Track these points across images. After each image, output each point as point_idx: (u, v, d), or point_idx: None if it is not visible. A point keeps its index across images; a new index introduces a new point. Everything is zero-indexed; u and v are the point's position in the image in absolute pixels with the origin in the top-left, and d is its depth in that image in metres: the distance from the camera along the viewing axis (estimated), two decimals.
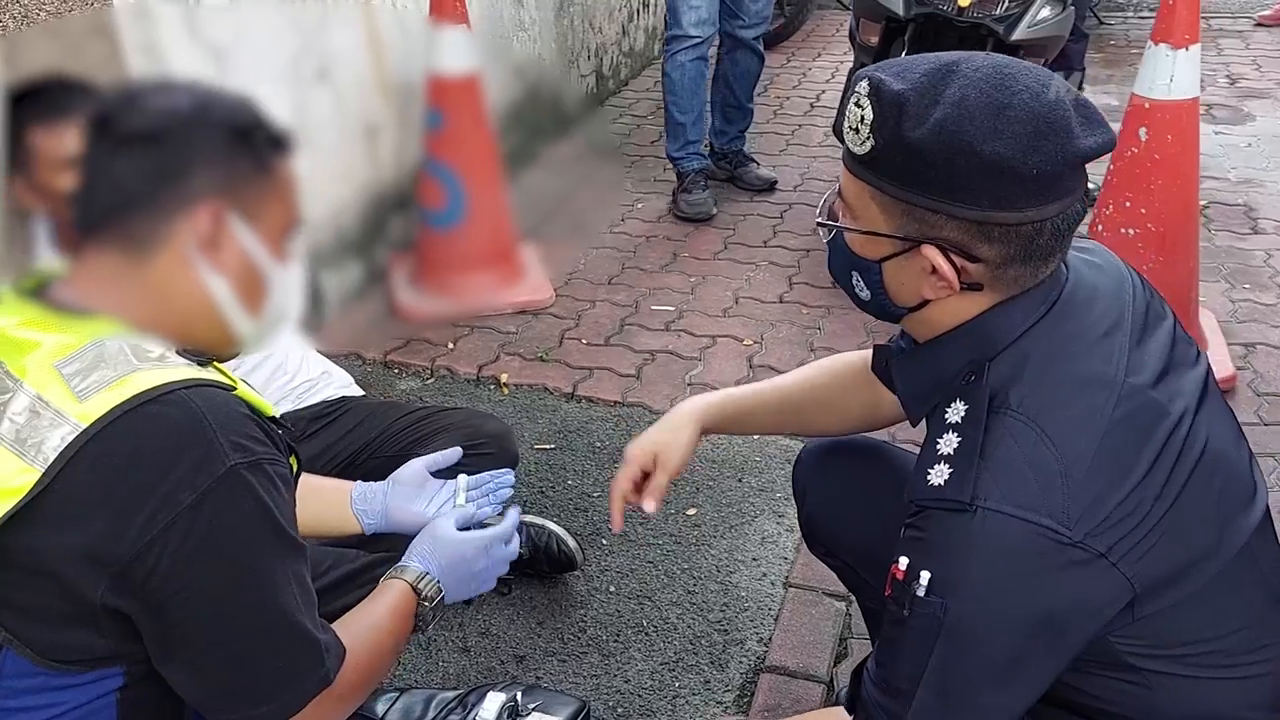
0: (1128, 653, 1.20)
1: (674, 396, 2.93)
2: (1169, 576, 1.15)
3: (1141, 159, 2.72)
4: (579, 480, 2.63)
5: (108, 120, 1.13)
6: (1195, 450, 1.17)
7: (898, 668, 1.20)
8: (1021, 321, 1.20)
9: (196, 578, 1.09)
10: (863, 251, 1.24)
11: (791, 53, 6.33)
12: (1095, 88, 5.22)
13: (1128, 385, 1.16)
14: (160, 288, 1.16)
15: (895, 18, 3.24)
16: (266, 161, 1.19)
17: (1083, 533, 1.10)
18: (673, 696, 2.01)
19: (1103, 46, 6.06)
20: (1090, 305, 1.22)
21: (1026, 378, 1.17)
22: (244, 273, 1.19)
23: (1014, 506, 1.10)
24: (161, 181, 1.13)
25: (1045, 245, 1.15)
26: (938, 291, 1.20)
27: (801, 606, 2.20)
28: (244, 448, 1.11)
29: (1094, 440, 1.12)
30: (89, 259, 1.16)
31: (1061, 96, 1.12)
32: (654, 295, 3.54)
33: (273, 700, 1.17)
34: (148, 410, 1.08)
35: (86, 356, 1.10)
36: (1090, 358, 1.18)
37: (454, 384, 3.08)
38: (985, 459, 1.13)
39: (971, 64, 1.14)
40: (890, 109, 1.13)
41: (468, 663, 2.10)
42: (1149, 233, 2.74)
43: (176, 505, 1.06)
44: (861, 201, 1.21)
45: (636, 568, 2.33)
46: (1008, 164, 1.09)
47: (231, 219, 1.16)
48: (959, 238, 1.15)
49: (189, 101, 1.15)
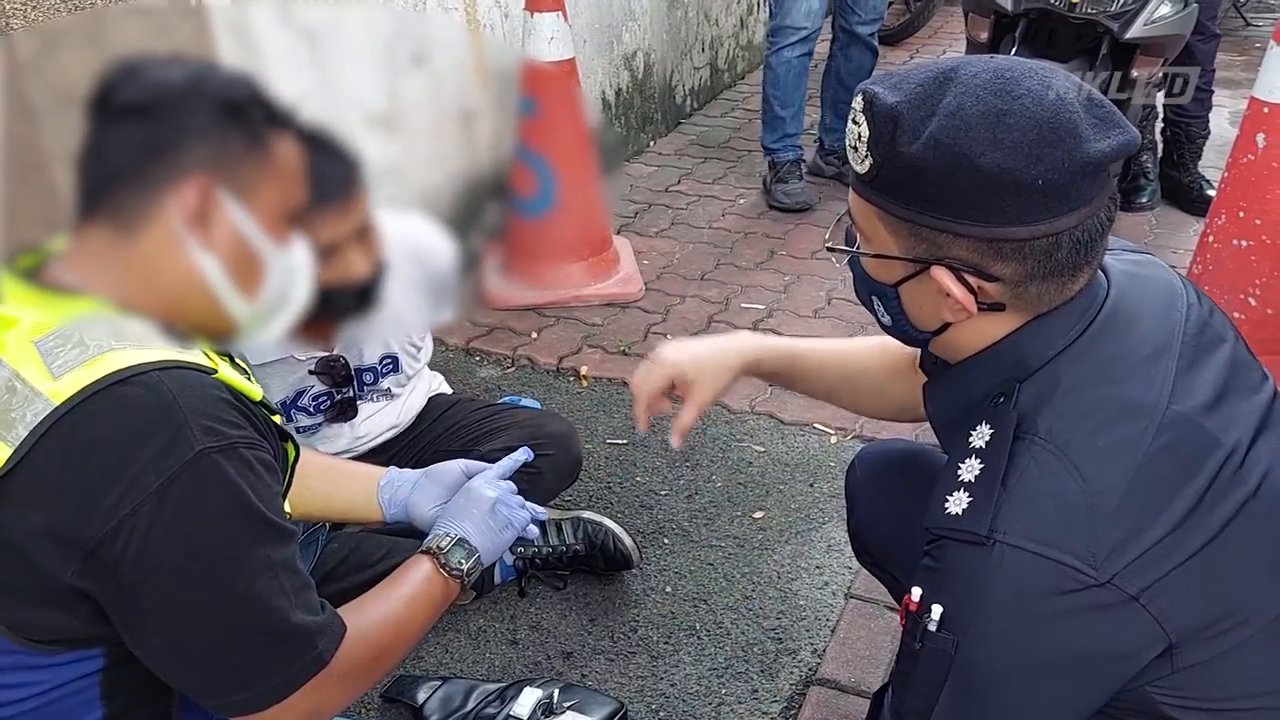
0: (1165, 704, 1.10)
1: (754, 398, 2.87)
2: (1211, 625, 1.06)
3: (1258, 166, 2.55)
4: (647, 477, 2.59)
5: (106, 94, 1.12)
6: (1249, 485, 1.07)
7: (908, 700, 1.13)
8: (1055, 341, 1.11)
9: (165, 562, 1.07)
10: (877, 275, 1.18)
11: (916, 49, 6.18)
12: (1233, 91, 4.96)
13: (1171, 413, 1.06)
14: (149, 265, 1.14)
15: (1004, 13, 3.11)
16: (262, 138, 1.16)
17: (1110, 573, 1.00)
18: (718, 704, 1.96)
19: (1246, 49, 5.75)
20: (1134, 324, 1.13)
21: (1057, 403, 1.08)
22: (236, 252, 1.16)
23: (1034, 543, 1.02)
24: (149, 155, 1.11)
25: (1066, 260, 1.07)
26: (955, 314, 1.13)
27: (860, 619, 2.12)
28: (215, 431, 1.09)
29: (1127, 472, 1.03)
30: (83, 236, 1.15)
31: (1068, 97, 1.04)
32: (745, 293, 3.48)
33: (255, 685, 1.15)
34: (117, 391, 1.06)
35: (66, 334, 1.09)
36: (1130, 382, 1.08)
37: (534, 374, 3.07)
38: (1007, 489, 1.05)
39: (970, 70, 1.06)
40: (885, 124, 1.07)
41: (515, 656, 2.08)
42: (1264, 245, 2.57)
43: (143, 489, 1.05)
44: (870, 223, 1.15)
45: (695, 569, 2.29)
46: (1010, 175, 1.02)
47: (222, 195, 1.14)
48: (970, 257, 1.07)
49: (182, 75, 1.13)
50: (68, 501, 1.05)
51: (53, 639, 1.12)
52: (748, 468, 2.61)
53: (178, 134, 1.12)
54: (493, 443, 2.18)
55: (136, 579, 1.07)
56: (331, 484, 1.69)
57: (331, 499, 1.68)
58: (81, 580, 1.07)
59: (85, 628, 1.11)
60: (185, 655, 1.14)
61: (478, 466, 1.71)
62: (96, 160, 1.13)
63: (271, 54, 2.65)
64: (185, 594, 1.10)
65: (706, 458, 2.65)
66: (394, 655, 1.38)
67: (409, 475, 1.71)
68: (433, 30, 3.23)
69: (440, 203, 3.40)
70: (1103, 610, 1.02)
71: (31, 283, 1.15)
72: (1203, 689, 1.09)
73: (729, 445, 2.69)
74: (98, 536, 1.05)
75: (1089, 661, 1.05)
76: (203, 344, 1.20)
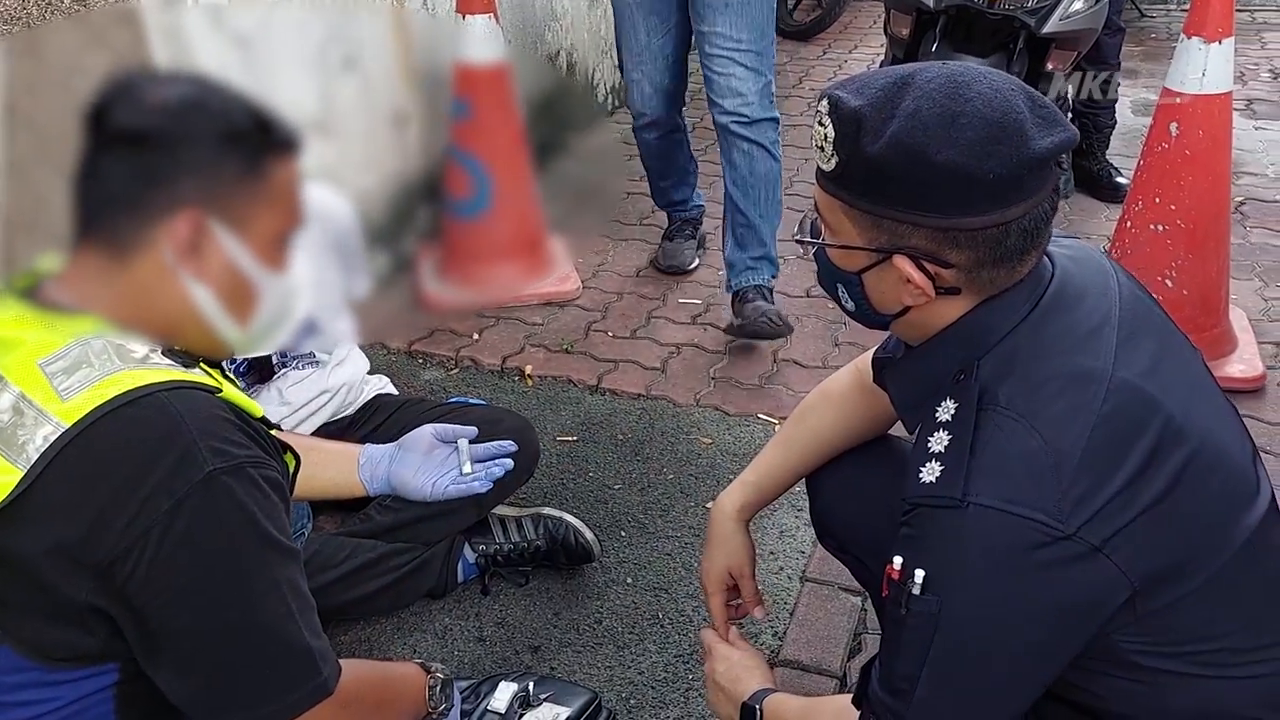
0: (1132, 651, 1.19)
1: (698, 391, 2.93)
2: (1167, 572, 1.14)
3: (1171, 154, 2.68)
4: (600, 472, 2.63)
5: (102, 112, 1.11)
6: (1191, 443, 1.16)
7: (897, 667, 1.20)
8: (1007, 319, 1.20)
9: (175, 583, 1.08)
10: (842, 265, 1.26)
11: (828, 44, 6.29)
12: (1134, 82, 5.15)
13: (1117, 378, 1.15)
14: (142, 292, 1.14)
15: (926, 10, 3.21)
16: (261, 166, 1.15)
17: (1075, 525, 1.09)
18: (686, 689, 2.01)
19: (1143, 40, 5.97)
20: (1078, 301, 1.22)
21: (1015, 374, 1.17)
22: (229, 282, 1.17)
23: (1005, 501, 1.10)
24: (145, 184, 1.11)
25: (1015, 246, 1.16)
26: (915, 299, 1.22)
27: (817, 601, 2.19)
28: (224, 452, 1.10)
29: (1083, 433, 1.12)
30: (79, 258, 1.15)
31: (1014, 100, 1.13)
32: (681, 288, 3.54)
33: (261, 706, 1.17)
34: (126, 413, 1.07)
35: (70, 355, 1.10)
36: (1078, 352, 1.18)
37: (478, 375, 3.09)
38: (975, 455, 1.13)
39: (925, 75, 1.16)
40: (849, 125, 1.15)
41: (483, 652, 2.11)
42: (1179, 229, 2.70)
43: (154, 511, 1.06)
44: (835, 216, 1.23)
45: (654, 559, 2.33)
46: (964, 171, 1.11)
47: (215, 227, 1.13)
48: (928, 246, 1.16)
49: (181, 99, 1.12)
50: (79, 523, 1.06)
51: (68, 656, 1.12)
52: (697, 459, 2.67)
53: (173, 166, 1.11)
54: None
55: (146, 599, 1.08)
56: (314, 464, 1.72)
57: (314, 479, 1.72)
58: (96, 598, 1.08)
59: (101, 645, 1.12)
60: (192, 674, 1.14)
61: (444, 428, 1.82)
62: (92, 183, 1.12)
63: (205, 60, 2.64)
64: (193, 614, 1.11)
65: (656, 451, 2.70)
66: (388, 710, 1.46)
67: (385, 449, 1.79)
68: (363, 33, 3.23)
69: (375, 206, 3.40)
70: (1072, 561, 1.10)
71: (30, 302, 1.15)
72: (1164, 633, 1.18)
73: (677, 438, 2.75)
74: (110, 556, 1.06)
75: (1063, 611, 1.13)
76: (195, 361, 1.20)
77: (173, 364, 1.14)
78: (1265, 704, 1.22)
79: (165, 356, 1.14)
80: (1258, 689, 1.22)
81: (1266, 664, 1.21)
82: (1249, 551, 1.19)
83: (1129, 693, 1.23)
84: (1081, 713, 1.29)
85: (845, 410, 1.68)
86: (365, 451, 1.80)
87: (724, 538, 1.73)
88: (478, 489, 1.84)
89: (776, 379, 3.00)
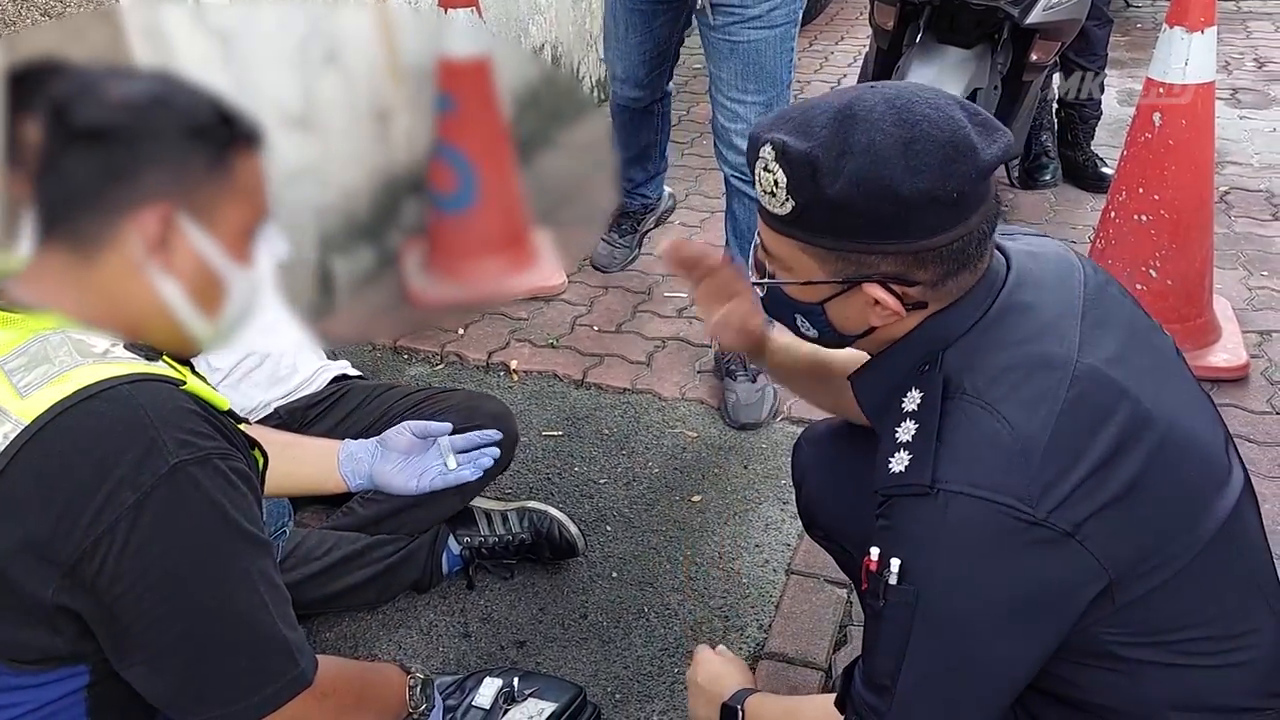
0: (1113, 642, 1.19)
1: (684, 385, 2.93)
2: (1142, 559, 1.15)
3: (1155, 144, 2.68)
4: (586, 467, 2.63)
5: (62, 109, 1.08)
6: (1159, 429, 1.16)
7: (878, 664, 1.20)
8: (968, 316, 1.21)
9: (146, 577, 1.07)
10: (803, 298, 1.25)
11: (814, 36, 6.28)
12: (1119, 72, 5.15)
13: (1081, 365, 1.16)
14: (108, 289, 1.13)
15: (910, 1, 3.20)
16: (227, 160, 1.14)
17: (1045, 510, 1.09)
18: (671, 682, 2.01)
19: (1129, 30, 5.98)
20: (1038, 292, 1.23)
21: (978, 364, 1.18)
22: (198, 276, 1.16)
23: (974, 487, 1.11)
24: (109, 180, 1.09)
25: (975, 251, 1.18)
26: (885, 319, 1.22)
27: (803, 593, 2.19)
28: (189, 444, 1.09)
29: (1049, 419, 1.12)
30: (44, 255, 1.13)
31: (957, 115, 1.14)
32: (667, 281, 3.53)
33: (239, 700, 1.16)
34: (88, 407, 1.06)
35: (29, 352, 1.09)
36: (1041, 340, 1.18)
37: (463, 370, 3.09)
38: (943, 442, 1.14)
39: (865, 104, 1.14)
40: (802, 169, 1.14)
41: (468, 648, 2.11)
42: (1162, 219, 2.71)
43: (120, 505, 1.05)
44: (791, 255, 1.22)
45: (640, 553, 2.33)
46: (929, 196, 1.11)
47: (183, 221, 1.12)
48: (895, 269, 1.17)
49: (145, 94, 1.10)
50: (43, 520, 1.05)
51: (36, 659, 1.11)
52: (682, 453, 2.66)
53: (137, 160, 1.09)
54: None
55: (115, 595, 1.07)
56: (293, 460, 1.71)
57: (292, 475, 1.71)
58: (64, 597, 1.07)
59: (70, 645, 1.11)
60: (166, 671, 1.13)
61: (422, 425, 1.81)
62: (53, 181, 1.10)
63: (186, 57, 2.62)
64: (165, 608, 1.10)
65: (642, 445, 2.69)
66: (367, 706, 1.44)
67: (367, 446, 1.79)
68: (345, 28, 3.22)
69: (359, 201, 3.39)
70: (1043, 546, 1.10)
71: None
72: (1143, 624, 1.18)
73: (663, 432, 2.74)
74: (77, 553, 1.05)
75: (1037, 598, 1.13)
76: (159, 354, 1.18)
77: (135, 356, 1.12)
78: (1245, 691, 1.23)
79: (127, 350, 1.13)
80: (1235, 677, 1.22)
81: (1245, 651, 1.22)
82: (1224, 538, 1.20)
83: (1110, 684, 1.23)
84: (1063, 704, 1.29)
85: None
86: (345, 447, 1.80)
87: None
88: (467, 477, 1.83)
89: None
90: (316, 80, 3.12)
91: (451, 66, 3.27)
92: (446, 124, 3.32)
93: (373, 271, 3.51)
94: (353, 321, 3.30)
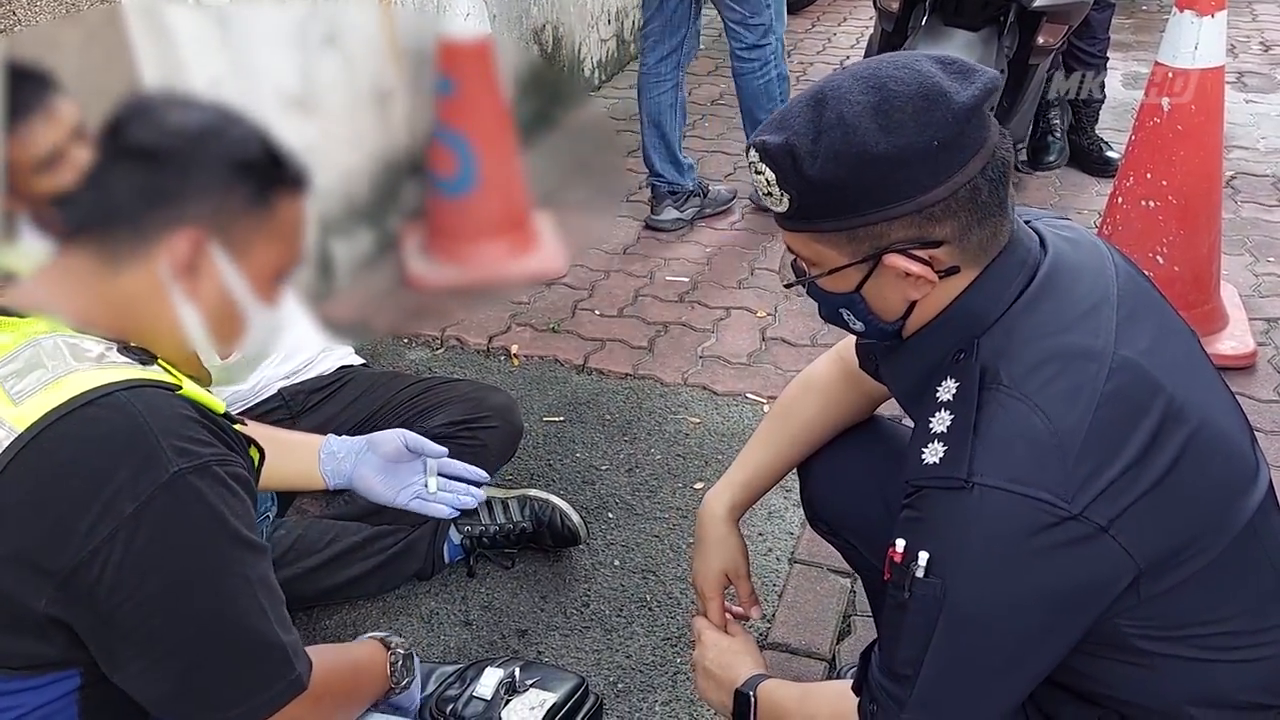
0: (1134, 635, 1.18)
1: (685, 370, 2.91)
2: (1171, 554, 1.13)
3: (1164, 129, 2.66)
4: (587, 453, 2.61)
5: (117, 128, 1.11)
6: (1190, 424, 1.14)
7: (899, 652, 1.18)
8: (1001, 297, 1.19)
9: (145, 586, 1.06)
10: (838, 289, 1.24)
11: (817, 17, 6.25)
12: (1125, 55, 5.11)
13: (1118, 357, 1.14)
14: (127, 302, 1.14)
15: None
16: (269, 199, 1.16)
17: (1082, 505, 1.07)
18: (674, 672, 2.00)
19: (1134, 12, 5.93)
20: (1074, 281, 1.21)
21: (1014, 354, 1.15)
22: (220, 306, 1.17)
23: (1011, 481, 1.08)
24: (151, 201, 1.11)
25: (990, 199, 1.15)
26: (920, 289, 1.19)
27: (806, 583, 2.18)
28: (188, 451, 1.08)
29: (1087, 413, 1.10)
30: (67, 257, 1.14)
31: (925, 66, 1.13)
32: (669, 265, 3.51)
33: (237, 706, 1.15)
34: (85, 414, 1.05)
35: (22, 357, 1.08)
36: (1078, 330, 1.16)
37: (463, 355, 3.07)
38: (979, 435, 1.12)
39: (834, 85, 1.15)
40: (784, 160, 1.14)
41: (470, 637, 2.09)
42: (1170, 205, 2.68)
43: (118, 514, 1.04)
44: (810, 249, 1.22)
45: (642, 541, 2.32)
46: (909, 150, 1.10)
47: (214, 250, 1.14)
48: (910, 233, 1.15)
49: (200, 123, 1.13)
50: (38, 529, 1.04)
51: (26, 665, 1.10)
52: (685, 439, 2.65)
53: (182, 185, 1.11)
54: (434, 418, 2.17)
55: (114, 604, 1.06)
56: (272, 455, 1.69)
57: (272, 470, 1.69)
58: (55, 608, 1.06)
59: (60, 653, 1.10)
60: (164, 677, 1.12)
61: (417, 440, 1.77)
62: (95, 191, 1.12)
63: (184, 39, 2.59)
64: (164, 617, 1.09)
65: (644, 431, 2.68)
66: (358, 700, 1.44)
67: (350, 445, 1.75)
68: (344, 10, 3.18)
69: (359, 184, 3.37)
70: (1078, 543, 1.08)
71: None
72: (1166, 617, 1.17)
73: (665, 418, 2.73)
74: (72, 563, 1.04)
75: (1069, 592, 1.11)
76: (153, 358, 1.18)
77: (130, 361, 1.11)
78: (1265, 688, 1.21)
79: (122, 354, 1.12)
80: (1255, 672, 1.21)
81: (1267, 647, 1.20)
82: (1249, 534, 1.18)
83: (1128, 677, 1.22)
84: (1079, 699, 1.28)
85: (829, 400, 1.65)
86: (327, 445, 1.76)
87: (717, 540, 1.70)
88: (442, 513, 1.80)
89: (764, 357, 2.98)
90: (316, 62, 3.09)
91: (452, 48, 3.25)
92: (447, 106, 3.30)
93: (372, 255, 3.48)
94: (351, 304, 3.28)
